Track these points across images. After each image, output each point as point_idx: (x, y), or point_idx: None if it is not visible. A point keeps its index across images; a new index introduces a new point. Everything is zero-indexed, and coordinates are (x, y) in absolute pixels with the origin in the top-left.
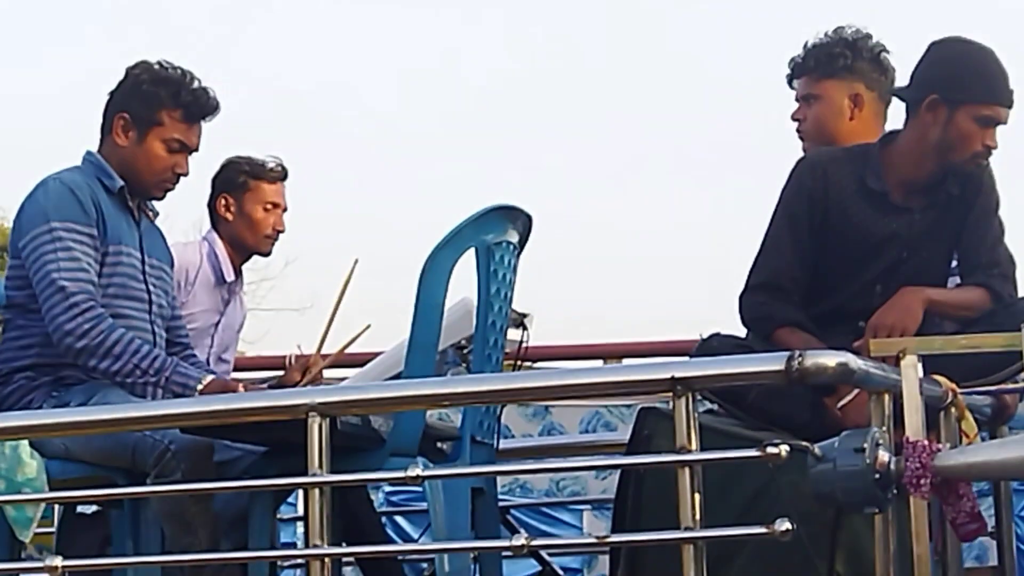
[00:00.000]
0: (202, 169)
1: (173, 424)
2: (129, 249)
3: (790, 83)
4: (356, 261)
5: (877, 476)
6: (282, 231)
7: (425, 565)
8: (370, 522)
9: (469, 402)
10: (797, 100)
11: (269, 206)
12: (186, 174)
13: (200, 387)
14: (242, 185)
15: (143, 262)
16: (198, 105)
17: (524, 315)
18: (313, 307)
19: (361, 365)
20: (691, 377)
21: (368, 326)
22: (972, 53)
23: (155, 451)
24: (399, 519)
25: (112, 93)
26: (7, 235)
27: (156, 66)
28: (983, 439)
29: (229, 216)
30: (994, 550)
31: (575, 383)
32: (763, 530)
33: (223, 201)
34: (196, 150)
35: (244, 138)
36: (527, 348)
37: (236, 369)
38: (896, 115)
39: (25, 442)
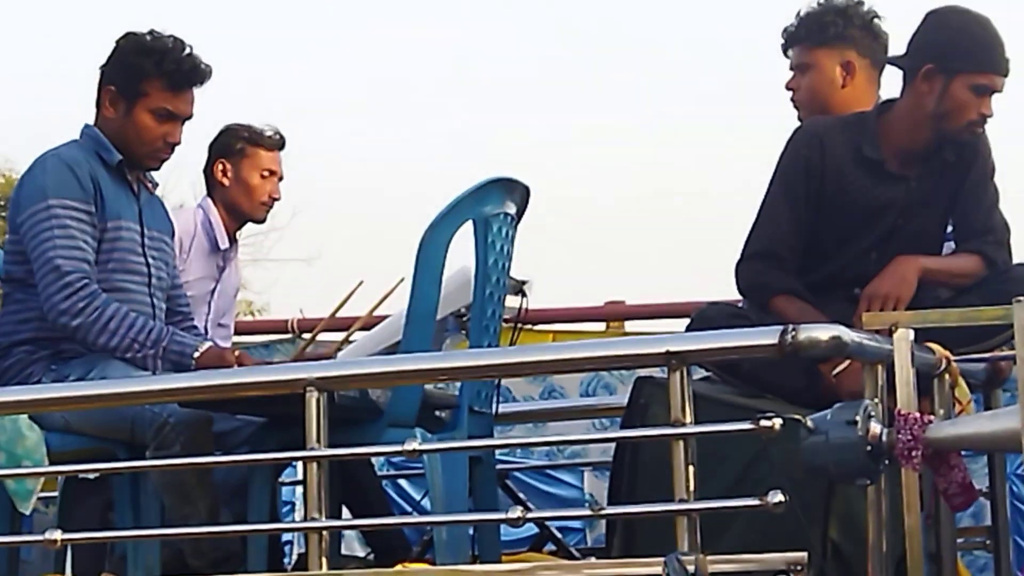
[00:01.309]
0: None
1: (172, 399)
2: (128, 223)
3: (785, 52)
4: (402, 280)
5: (869, 448)
6: (278, 199)
7: (427, 528)
8: (371, 486)
9: (465, 377)
10: (791, 69)
11: (266, 173)
12: (179, 143)
13: (197, 355)
14: (240, 151)
15: (142, 235)
16: (182, 73)
17: (523, 282)
18: (321, 257)
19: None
20: (685, 351)
21: (402, 280)
22: (968, 22)
23: (154, 424)
24: (401, 481)
25: (102, 67)
26: (13, 185)
27: (145, 36)
28: (977, 403)
29: (226, 181)
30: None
31: (570, 357)
32: (756, 502)
33: (220, 167)
34: (189, 117)
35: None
36: (527, 312)
37: (239, 332)
38: (891, 81)
39: (25, 415)
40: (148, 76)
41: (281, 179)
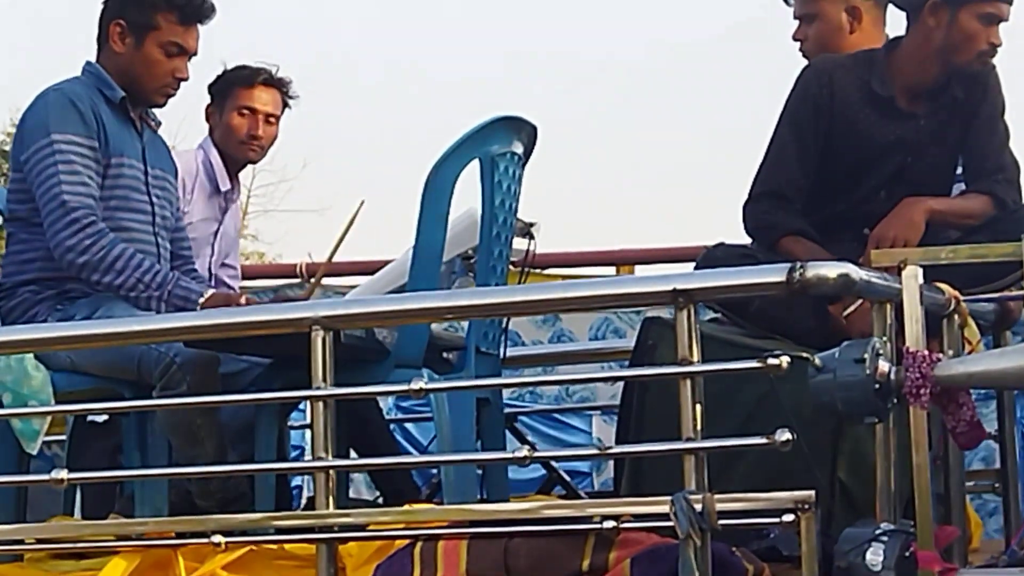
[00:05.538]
0: None
1: (178, 338)
2: (131, 161)
3: (787, 1)
4: (363, 203)
5: (877, 386)
6: (257, 136)
7: (434, 471)
8: (379, 429)
9: (471, 316)
10: (795, 19)
11: (245, 111)
12: (186, 78)
13: (202, 301)
14: (222, 92)
15: (146, 173)
16: (193, 7)
17: (531, 224)
18: (332, 208)
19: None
20: (693, 289)
21: (363, 203)
22: None
23: (160, 364)
24: (409, 426)
25: (106, 1)
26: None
27: None
28: (987, 345)
29: (213, 123)
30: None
31: (577, 296)
32: (763, 441)
33: (209, 108)
34: (195, 53)
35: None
36: (535, 255)
37: (247, 276)
38: (896, 18)
39: (30, 355)
40: (159, 9)
41: (276, 118)
